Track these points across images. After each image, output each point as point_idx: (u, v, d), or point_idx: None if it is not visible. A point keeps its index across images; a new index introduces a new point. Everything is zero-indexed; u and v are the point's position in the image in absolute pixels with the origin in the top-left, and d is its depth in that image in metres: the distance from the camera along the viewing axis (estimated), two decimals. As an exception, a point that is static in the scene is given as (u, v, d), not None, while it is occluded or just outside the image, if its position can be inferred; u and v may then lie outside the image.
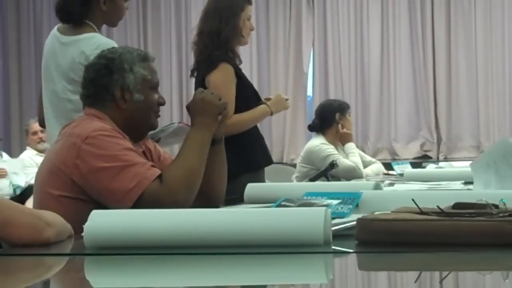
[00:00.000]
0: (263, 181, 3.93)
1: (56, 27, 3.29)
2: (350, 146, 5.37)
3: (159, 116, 2.59)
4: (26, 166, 7.35)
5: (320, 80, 8.82)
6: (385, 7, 8.70)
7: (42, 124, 3.34)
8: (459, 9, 8.58)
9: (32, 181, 6.61)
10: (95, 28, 3.19)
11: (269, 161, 3.96)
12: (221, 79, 3.68)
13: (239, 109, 3.68)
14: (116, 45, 2.88)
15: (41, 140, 7.43)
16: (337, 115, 5.35)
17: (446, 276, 1.45)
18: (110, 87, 2.50)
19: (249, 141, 3.78)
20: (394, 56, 8.67)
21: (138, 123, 2.53)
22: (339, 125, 5.35)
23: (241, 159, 3.68)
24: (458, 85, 8.57)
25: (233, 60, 3.76)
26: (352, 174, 5.01)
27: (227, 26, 3.74)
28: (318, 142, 5.29)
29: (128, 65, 2.51)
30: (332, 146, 5.25)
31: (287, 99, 3.95)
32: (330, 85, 8.76)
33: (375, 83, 8.71)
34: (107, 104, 2.51)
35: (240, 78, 3.76)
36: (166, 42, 9.11)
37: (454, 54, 8.58)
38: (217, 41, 3.73)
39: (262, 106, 3.82)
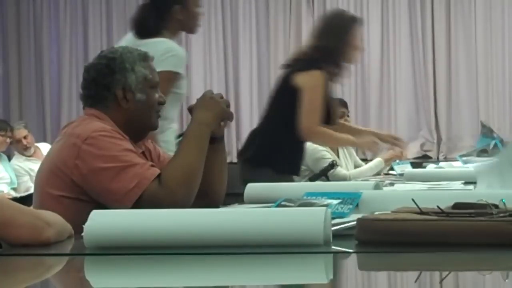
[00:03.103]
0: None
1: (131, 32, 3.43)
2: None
3: (159, 116, 2.58)
4: (17, 176, 7.32)
5: (320, 80, 8.81)
6: (385, 7, 8.70)
7: None
8: (459, 9, 8.57)
9: (29, 190, 6.63)
10: (168, 36, 3.33)
11: (296, 173, 4.12)
12: (311, 82, 3.84)
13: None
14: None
15: (27, 147, 7.39)
16: None
17: (446, 276, 1.45)
18: (112, 86, 2.50)
19: (296, 148, 3.98)
20: (394, 56, 8.67)
21: (140, 123, 2.52)
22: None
23: (285, 159, 3.88)
24: (458, 85, 8.57)
25: (331, 74, 3.96)
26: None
27: (339, 43, 3.97)
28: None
29: (129, 65, 2.51)
30: (326, 149, 5.15)
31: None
32: (330, 85, 8.75)
33: (375, 83, 8.70)
34: (108, 104, 2.50)
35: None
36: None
37: (454, 54, 8.58)
38: (328, 56, 3.93)
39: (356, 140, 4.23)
